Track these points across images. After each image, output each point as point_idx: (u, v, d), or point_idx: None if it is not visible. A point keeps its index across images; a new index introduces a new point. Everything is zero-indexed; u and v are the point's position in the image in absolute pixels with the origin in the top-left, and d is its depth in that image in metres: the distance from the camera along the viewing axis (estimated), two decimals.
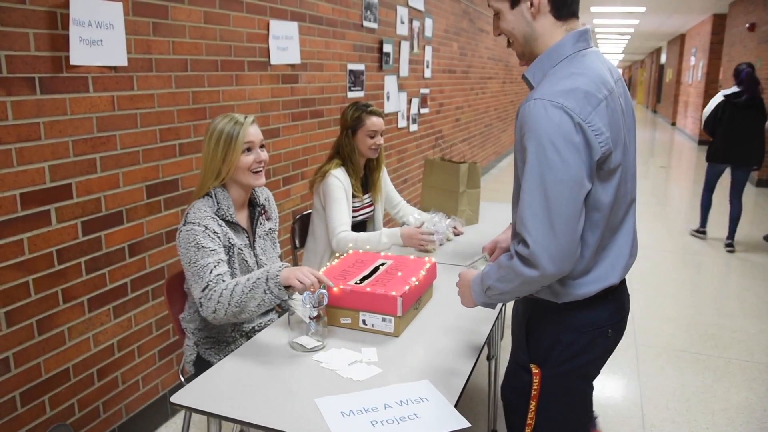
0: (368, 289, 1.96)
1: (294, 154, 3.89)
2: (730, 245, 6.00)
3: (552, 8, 1.51)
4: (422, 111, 6.40)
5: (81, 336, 2.43)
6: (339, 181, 2.83)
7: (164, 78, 2.73)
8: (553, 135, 1.38)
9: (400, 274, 2.09)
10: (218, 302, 1.89)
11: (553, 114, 1.39)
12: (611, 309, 1.66)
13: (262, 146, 2.13)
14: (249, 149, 2.07)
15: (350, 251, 2.41)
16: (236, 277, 2.08)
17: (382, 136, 2.96)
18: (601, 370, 1.79)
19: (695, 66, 16.41)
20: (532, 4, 1.51)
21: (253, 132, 2.08)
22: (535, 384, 1.66)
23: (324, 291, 1.88)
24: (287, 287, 1.86)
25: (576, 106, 1.40)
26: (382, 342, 1.93)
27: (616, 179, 1.51)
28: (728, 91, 5.84)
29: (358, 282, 2.05)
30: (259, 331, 2.23)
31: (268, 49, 3.48)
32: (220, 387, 1.66)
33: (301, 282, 1.83)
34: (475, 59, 8.74)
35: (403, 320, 1.98)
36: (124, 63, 2.48)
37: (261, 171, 2.12)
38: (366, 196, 3.06)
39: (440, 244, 2.98)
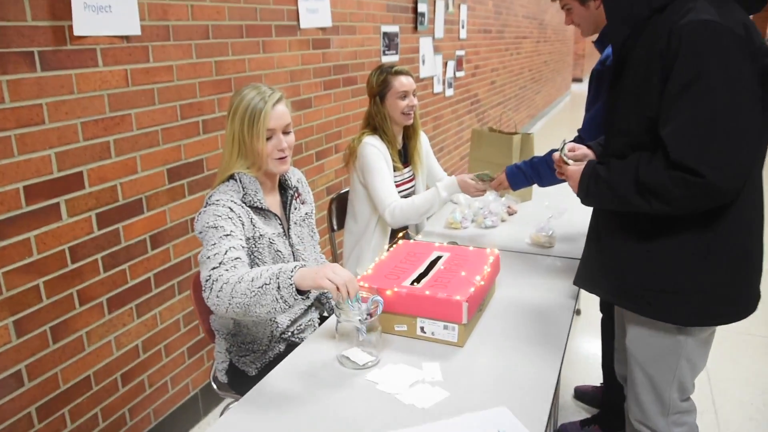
0: (427, 293, 1.67)
1: (327, 126, 3.58)
2: None
3: None
4: (458, 74, 6.02)
5: (101, 340, 2.19)
6: (375, 148, 2.53)
7: (183, 47, 2.42)
8: None
9: (463, 273, 1.78)
10: (217, 296, 1.56)
11: None
12: None
13: (287, 132, 1.84)
14: (270, 137, 1.80)
15: (401, 242, 2.12)
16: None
17: (415, 96, 2.62)
18: None
19: None
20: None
21: (277, 115, 1.79)
22: None
23: (379, 298, 1.60)
24: (303, 292, 1.53)
25: None
26: (444, 354, 1.64)
27: None
28: None
29: (415, 282, 1.76)
30: (298, 333, 1.97)
31: (297, 12, 3.15)
32: (262, 417, 1.39)
33: (331, 281, 1.49)
34: (510, 18, 8.27)
35: (467, 327, 1.69)
36: (137, 32, 2.18)
37: (285, 157, 1.84)
38: (407, 169, 2.75)
39: (494, 227, 2.67)
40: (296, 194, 2.00)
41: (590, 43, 19.58)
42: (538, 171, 2.28)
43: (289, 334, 1.96)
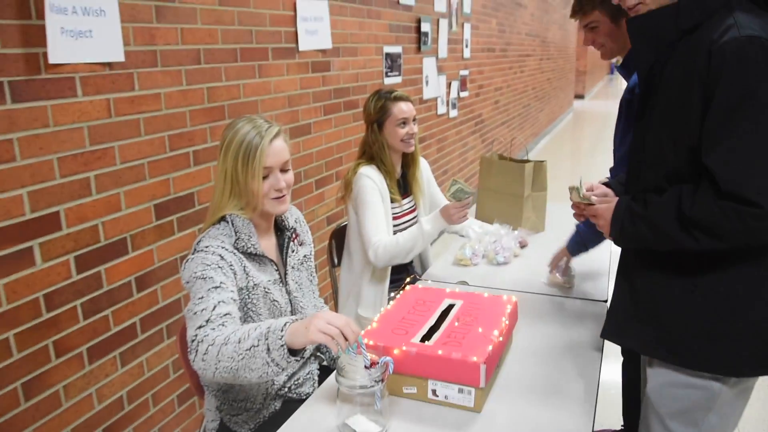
0: (440, 352, 1.48)
1: (327, 153, 3.41)
2: None
3: None
4: (461, 95, 5.86)
5: (81, 393, 2.00)
6: (371, 180, 2.36)
7: (172, 73, 2.25)
8: None
9: (480, 330, 1.59)
10: (203, 359, 1.40)
11: None
12: None
13: (285, 169, 1.67)
14: (266, 175, 1.63)
15: (408, 287, 1.94)
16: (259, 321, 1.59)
17: (415, 122, 2.45)
18: None
19: None
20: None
21: (274, 152, 1.62)
22: None
23: (389, 359, 1.42)
24: (295, 351, 1.38)
25: None
26: (459, 421, 1.46)
27: None
28: None
29: (425, 337, 1.57)
30: (296, 389, 1.78)
31: (295, 33, 2.99)
32: None
33: (325, 333, 1.34)
34: (514, 35, 8.14)
35: (485, 390, 1.50)
36: (121, 58, 2.01)
37: (283, 197, 1.67)
38: (406, 200, 2.57)
39: (507, 263, 2.49)
40: (294, 235, 1.83)
41: (592, 60, 19.49)
42: (587, 232, 2.14)
43: (286, 389, 1.77)
